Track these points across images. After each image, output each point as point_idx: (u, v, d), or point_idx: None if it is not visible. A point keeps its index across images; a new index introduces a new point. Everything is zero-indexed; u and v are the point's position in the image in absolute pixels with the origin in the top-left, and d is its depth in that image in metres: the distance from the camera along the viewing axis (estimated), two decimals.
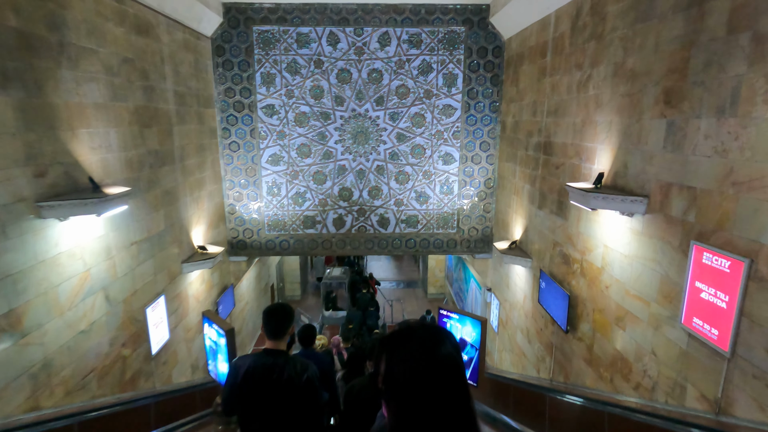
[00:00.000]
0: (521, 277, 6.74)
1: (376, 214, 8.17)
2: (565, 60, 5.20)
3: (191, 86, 6.55)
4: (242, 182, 7.91)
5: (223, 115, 7.62)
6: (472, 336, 2.64)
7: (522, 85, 6.69)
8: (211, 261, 6.38)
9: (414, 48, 7.48)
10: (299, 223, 8.14)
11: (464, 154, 7.92)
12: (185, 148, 6.31)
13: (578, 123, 4.86)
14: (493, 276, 8.38)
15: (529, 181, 6.39)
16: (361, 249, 8.34)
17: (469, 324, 2.64)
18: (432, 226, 8.23)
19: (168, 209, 5.76)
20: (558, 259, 5.37)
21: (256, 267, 10.42)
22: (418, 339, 1.05)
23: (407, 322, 1.13)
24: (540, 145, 5.96)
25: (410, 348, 1.03)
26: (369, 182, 8.02)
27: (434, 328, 1.08)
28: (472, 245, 8.34)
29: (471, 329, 2.64)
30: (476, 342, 2.60)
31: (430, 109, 7.73)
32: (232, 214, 8.04)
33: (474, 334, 2.63)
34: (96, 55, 4.27)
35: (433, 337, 1.05)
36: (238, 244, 8.18)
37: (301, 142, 7.80)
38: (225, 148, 7.75)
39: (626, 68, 3.94)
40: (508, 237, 7.31)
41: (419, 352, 1.02)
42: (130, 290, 4.81)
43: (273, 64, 7.48)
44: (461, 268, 10.95)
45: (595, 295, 4.46)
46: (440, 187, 8.07)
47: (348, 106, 7.69)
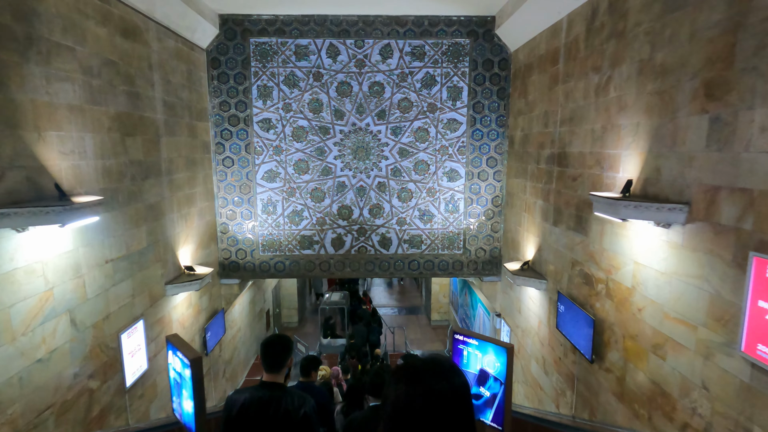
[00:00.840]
0: (535, 300, 6.20)
1: (377, 234, 7.71)
2: (580, 64, 4.85)
3: (183, 97, 6.22)
4: (236, 200, 7.49)
5: (217, 130, 7.28)
6: (496, 367, 2.14)
7: (531, 96, 6.35)
8: (198, 283, 5.88)
9: (417, 60, 7.21)
10: (296, 243, 7.66)
11: (470, 170, 7.52)
12: (174, 161, 5.92)
13: (598, 129, 4.46)
14: (502, 300, 7.82)
15: (541, 197, 5.95)
16: (362, 271, 7.83)
17: (492, 352, 2.15)
18: (437, 246, 7.75)
19: (151, 225, 5.30)
20: (578, 280, 4.86)
21: (251, 291, 9.87)
22: (421, 375, 1.04)
23: (411, 357, 0.89)
24: (553, 157, 5.55)
25: (412, 384, 1.03)
26: (370, 200, 7.59)
27: (439, 364, 1.07)
28: (480, 267, 7.82)
29: (494, 358, 2.15)
30: (501, 374, 2.11)
31: (434, 123, 7.39)
32: (225, 233, 7.58)
33: (498, 364, 2.14)
34: (72, 54, 3.92)
35: (437, 374, 1.04)
36: (230, 266, 7.68)
37: (298, 158, 7.43)
38: (218, 164, 7.37)
39: (654, 64, 3.56)
40: (519, 257, 6.82)
41: (420, 389, 1.02)
42: (101, 314, 4.30)
43: (270, 77, 7.19)
44: (467, 292, 10.39)
45: (626, 319, 3.94)
46: (445, 205, 7.63)
47: (348, 120, 7.35)
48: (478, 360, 2.19)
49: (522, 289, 6.69)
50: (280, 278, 8.01)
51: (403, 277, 18.02)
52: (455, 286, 12.00)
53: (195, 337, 6.60)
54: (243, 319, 9.40)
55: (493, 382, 2.12)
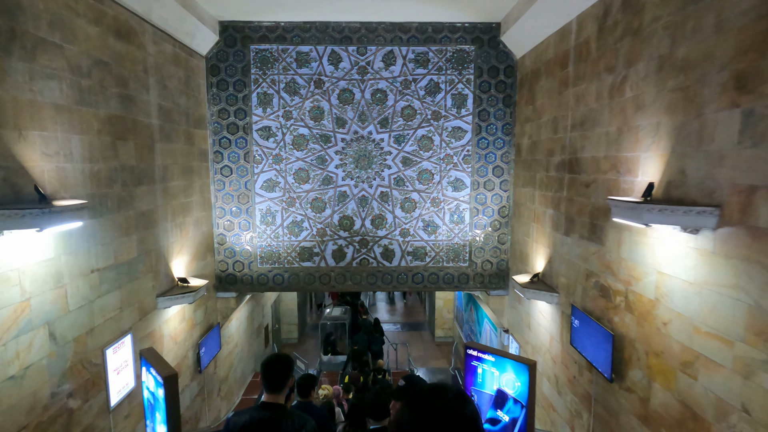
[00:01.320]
0: (546, 315, 5.88)
1: (379, 246, 7.43)
2: (591, 66, 4.64)
3: (180, 103, 6.04)
4: (234, 210, 7.25)
5: (215, 138, 7.09)
6: (516, 387, 1.86)
7: (539, 102, 6.14)
8: (191, 295, 5.60)
9: (421, 67, 7.04)
10: (295, 255, 7.39)
11: (476, 179, 7.28)
12: (169, 169, 5.70)
13: (613, 132, 4.23)
14: (510, 315, 7.49)
15: (551, 205, 5.69)
16: (363, 284, 7.54)
17: (511, 369, 1.87)
18: (441, 258, 7.46)
19: (143, 234, 5.06)
20: (594, 292, 4.56)
21: (249, 305, 9.56)
22: (427, 400, 1.02)
23: (411, 378, 1.02)
24: (564, 164, 5.31)
25: (417, 410, 0.99)
26: (372, 210, 7.35)
27: (447, 391, 1.05)
28: (486, 280, 7.52)
29: (513, 377, 1.87)
30: (522, 395, 1.82)
31: (439, 131, 7.18)
32: (222, 244, 7.33)
33: (518, 383, 1.85)
34: (60, 51, 3.74)
35: (445, 401, 1.00)
36: (227, 279, 7.40)
37: (298, 167, 7.21)
38: (216, 173, 7.16)
39: (675, 59, 3.34)
40: (528, 270, 6.52)
41: (427, 415, 0.98)
42: (85, 327, 4.02)
43: (270, 84, 7.03)
44: (472, 307, 10.04)
45: (649, 334, 3.63)
46: (450, 215, 7.37)
47: (350, 128, 7.15)
48: (495, 379, 1.92)
49: (531, 303, 6.38)
50: (279, 291, 7.72)
51: (408, 293, 17.72)
52: (460, 301, 11.65)
53: (188, 353, 6.29)
54: (240, 334, 9.07)
55: (513, 404, 1.84)
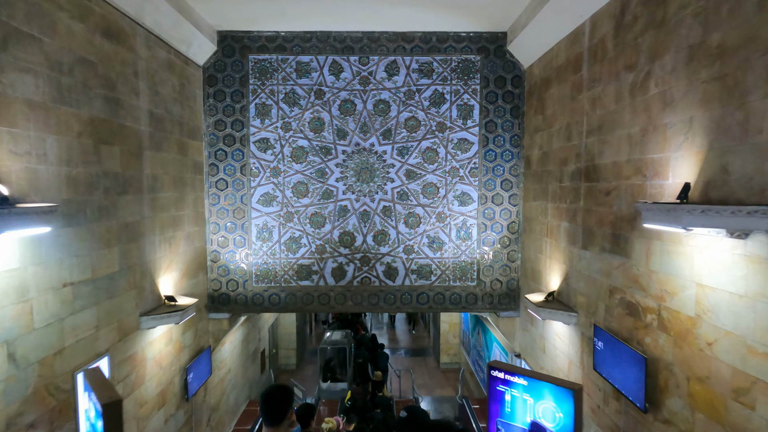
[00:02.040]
0: (563, 337, 5.40)
1: (382, 263, 7.02)
2: (608, 66, 4.35)
3: (173, 112, 5.77)
4: (228, 225, 6.89)
5: (211, 150, 6.80)
6: (558, 419, 1.44)
7: (550, 111, 5.85)
8: (178, 315, 5.17)
9: (425, 77, 6.80)
10: (292, 273, 6.98)
11: (483, 193, 6.92)
12: (159, 179, 5.38)
13: (636, 134, 3.89)
14: (522, 338, 6.98)
15: (566, 218, 5.30)
16: (365, 305, 7.08)
17: (550, 396, 1.47)
18: (448, 277, 7.02)
19: (126, 247, 4.68)
20: (619, 311, 4.12)
21: (244, 328, 9.07)
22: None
23: (413, 411, 0.66)
24: (580, 173, 4.96)
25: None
26: (374, 226, 6.97)
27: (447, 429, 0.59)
28: (496, 301, 7.05)
29: (553, 405, 1.46)
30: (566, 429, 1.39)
31: (444, 143, 6.88)
32: (215, 262, 6.93)
33: (560, 414, 1.44)
34: (38, 45, 3.46)
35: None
36: (219, 298, 6.97)
37: (297, 180, 6.89)
38: (211, 186, 6.84)
39: (709, 47, 3.02)
40: (541, 288, 6.07)
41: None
42: (52, 347, 3.60)
43: (269, 95, 6.78)
44: (480, 330, 9.50)
45: (690, 357, 3.18)
46: (456, 231, 6.98)
47: (351, 140, 6.86)
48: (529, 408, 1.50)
49: (546, 325, 5.90)
50: (275, 312, 7.27)
51: (415, 323, 17.04)
52: (466, 325, 11.10)
53: (174, 379, 5.80)
54: (234, 359, 8.54)
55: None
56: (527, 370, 1.54)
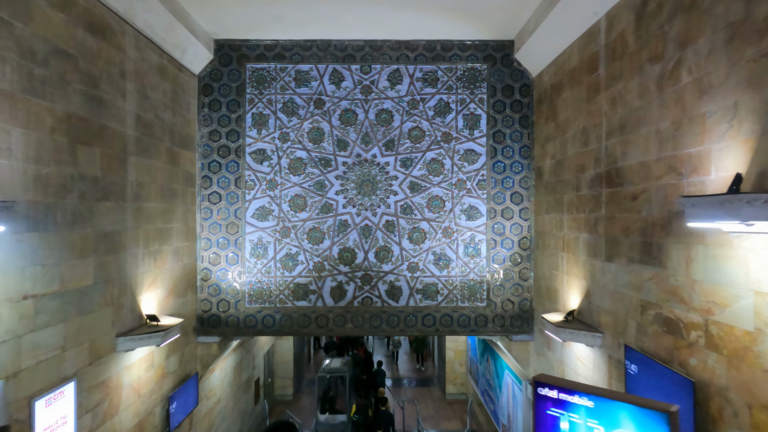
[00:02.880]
0: (586, 361, 4.87)
1: (384, 282, 6.54)
2: (630, 61, 4.03)
3: (164, 118, 5.46)
4: (221, 241, 6.46)
5: (204, 161, 6.46)
6: None
7: (562, 116, 5.52)
8: (160, 336, 4.68)
9: (429, 86, 6.53)
10: (288, 293, 6.49)
11: (492, 207, 6.52)
12: (145, 187, 5.00)
13: (667, 128, 3.51)
14: (538, 365, 6.41)
15: (586, 229, 4.87)
16: (366, 327, 6.56)
17: (629, 421, 0.97)
18: (455, 297, 6.53)
19: (103, 258, 4.25)
20: (655, 328, 3.63)
21: (237, 355, 8.49)
22: None
23: None
24: (600, 178, 4.56)
25: None
26: (376, 241, 6.53)
27: None
28: (508, 323, 6.52)
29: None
30: None
31: (450, 154, 6.53)
32: (206, 280, 6.46)
33: None
34: (8, 29, 3.16)
35: None
36: (209, 320, 6.46)
37: (295, 193, 6.51)
38: (204, 200, 6.45)
39: (755, 21, 2.68)
40: (558, 308, 5.57)
41: None
42: (5, 369, 3.12)
43: (267, 104, 6.50)
44: (489, 357, 8.88)
45: (750, 380, 2.69)
46: (464, 248, 6.53)
47: (352, 151, 6.52)
48: None
49: (566, 348, 5.37)
50: (269, 335, 6.75)
51: (424, 358, 16.25)
52: (474, 351, 10.46)
53: (155, 409, 5.24)
54: (224, 388, 7.93)
55: None
56: (594, 387, 1.16)
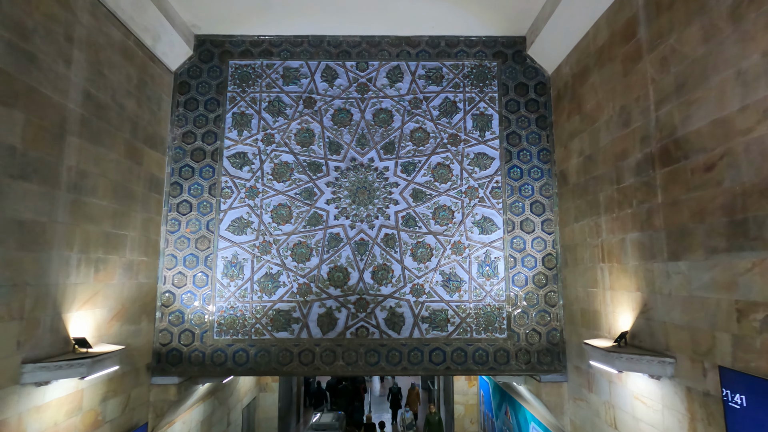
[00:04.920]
0: (651, 400, 3.67)
1: (383, 309, 5.42)
2: (684, 5, 3.28)
3: (125, 106, 4.66)
4: (189, 258, 5.43)
5: (175, 166, 5.59)
6: None
7: (590, 105, 4.73)
8: (85, 366, 3.53)
9: (433, 84, 5.82)
10: (267, 321, 5.35)
11: (509, 218, 5.56)
12: (89, 178, 4.08)
13: (754, 66, 2.67)
14: (575, 412, 5.12)
15: (635, 227, 3.89)
16: (361, 365, 5.34)
17: None
18: (469, 327, 5.38)
19: (16, 255, 3.24)
20: (767, 337, 2.55)
21: (208, 406, 7.10)
22: None
23: None
24: (650, 159, 3.66)
25: None
26: (373, 259, 5.50)
27: None
28: (534, 359, 5.32)
29: None
30: None
31: (458, 158, 5.68)
32: (167, 306, 5.35)
33: None
34: None
35: None
36: (168, 356, 5.26)
37: (278, 202, 5.58)
38: (172, 210, 5.50)
39: None
40: (601, 335, 4.45)
41: None
42: None
43: (250, 103, 5.75)
44: (509, 408, 7.46)
45: None
46: (478, 266, 5.49)
47: (346, 155, 5.68)
48: None
49: (617, 387, 4.17)
50: (241, 375, 5.51)
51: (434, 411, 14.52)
52: (488, 404, 8.95)
53: None
54: None
55: None
56: None
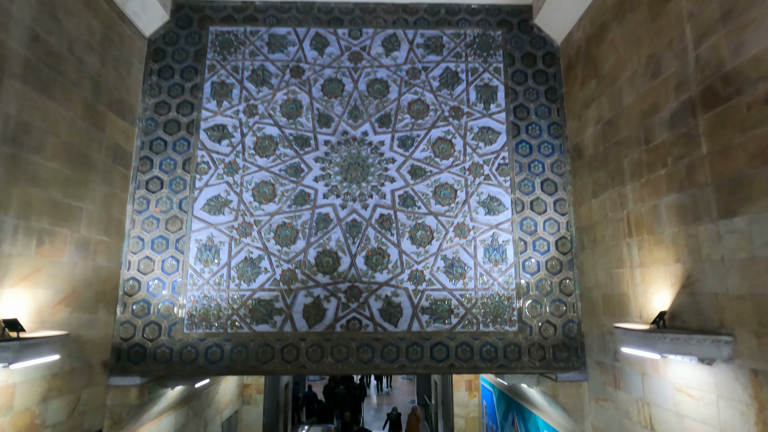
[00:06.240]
0: (700, 391, 3.06)
1: (378, 298, 4.79)
2: None
3: (84, 61, 4.10)
4: (158, 241, 4.79)
5: (146, 139, 5.00)
6: None
7: (609, 64, 4.25)
8: (11, 350, 2.87)
9: (433, 54, 5.34)
10: (245, 312, 4.69)
11: (518, 198, 5.01)
12: (35, 134, 3.49)
13: None
14: (600, 415, 4.47)
15: (671, 188, 3.35)
16: (352, 362, 4.67)
17: None
18: (475, 319, 4.76)
19: None
20: None
21: (180, 416, 6.33)
22: None
23: None
24: (690, 106, 3.15)
25: None
26: (367, 242, 4.90)
27: None
28: (549, 355, 4.69)
29: None
30: None
31: (461, 132, 5.16)
32: (131, 295, 4.68)
33: None
34: None
35: None
36: (130, 353, 4.56)
37: (261, 179, 4.99)
38: (140, 187, 4.89)
39: None
40: (629, 320, 3.85)
41: None
42: None
43: (231, 72, 5.22)
44: (516, 417, 6.74)
45: None
46: (485, 251, 4.91)
47: (337, 128, 5.13)
48: None
49: (652, 381, 3.55)
50: (214, 375, 4.82)
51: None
52: (492, 415, 8.20)
53: None
54: None
55: None
56: None
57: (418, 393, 16.63)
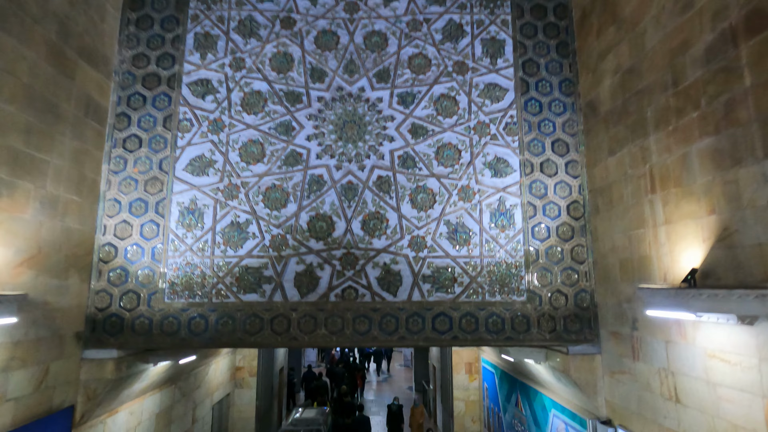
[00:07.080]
0: (739, 355, 2.73)
1: (376, 266, 4.44)
2: None
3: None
4: (136, 204, 4.40)
5: (123, 94, 4.59)
6: None
7: (632, 5, 3.86)
8: None
9: (435, 4, 4.93)
10: (232, 280, 4.33)
11: (527, 159, 4.64)
12: None
13: None
14: (615, 389, 4.15)
15: (705, 131, 2.99)
16: (348, 334, 4.33)
17: None
18: (481, 288, 4.41)
19: None
20: None
21: (165, 396, 5.98)
22: None
23: None
24: (731, 34, 2.78)
25: None
26: (364, 206, 4.53)
27: None
28: (560, 327, 4.36)
29: None
30: None
31: (465, 88, 4.77)
32: (107, 262, 4.30)
33: None
34: None
35: None
36: (106, 324, 4.20)
37: (249, 138, 4.60)
38: (117, 146, 4.49)
39: None
40: (652, 282, 3.51)
41: None
42: None
43: (216, 23, 4.80)
44: (520, 398, 6.44)
45: None
46: (491, 215, 4.55)
47: (331, 83, 4.73)
48: None
49: (678, 346, 3.22)
50: (196, 348, 4.48)
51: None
52: (493, 397, 7.92)
53: None
54: None
55: None
56: None
57: (416, 379, 16.39)
